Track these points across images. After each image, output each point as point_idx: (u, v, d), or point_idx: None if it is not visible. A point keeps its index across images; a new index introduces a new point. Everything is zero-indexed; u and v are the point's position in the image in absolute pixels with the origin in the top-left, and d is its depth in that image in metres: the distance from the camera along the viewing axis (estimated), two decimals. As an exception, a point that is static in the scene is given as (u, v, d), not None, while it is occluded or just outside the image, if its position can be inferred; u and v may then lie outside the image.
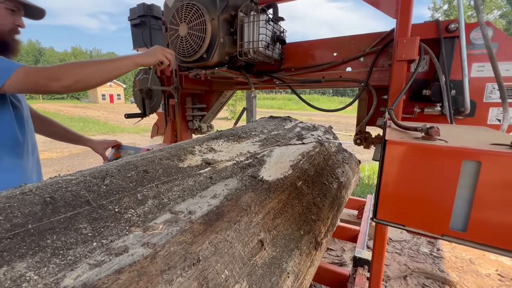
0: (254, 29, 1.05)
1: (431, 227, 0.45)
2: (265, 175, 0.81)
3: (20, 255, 0.37)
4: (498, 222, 0.39)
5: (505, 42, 0.90)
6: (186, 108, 1.61)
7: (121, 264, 0.40)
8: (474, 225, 0.41)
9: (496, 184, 0.39)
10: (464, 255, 2.13)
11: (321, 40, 1.25)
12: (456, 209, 0.42)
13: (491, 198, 0.40)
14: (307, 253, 0.71)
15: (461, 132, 0.61)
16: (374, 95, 1.15)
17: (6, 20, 0.91)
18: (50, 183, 0.53)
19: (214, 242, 0.52)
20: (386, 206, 0.48)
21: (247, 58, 1.10)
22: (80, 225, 0.45)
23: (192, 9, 1.06)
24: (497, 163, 0.39)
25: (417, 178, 0.45)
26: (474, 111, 0.95)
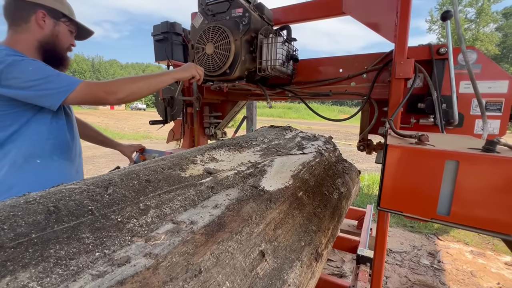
0: (272, 49, 1.21)
1: (422, 213, 0.57)
2: (266, 185, 0.81)
3: (24, 265, 0.38)
4: (473, 207, 0.53)
5: (487, 64, 1.06)
6: (203, 116, 1.77)
7: (123, 275, 0.40)
8: (455, 210, 0.54)
9: (470, 178, 0.52)
10: (465, 268, 2.11)
11: (328, 58, 1.42)
12: (441, 198, 0.55)
13: (467, 189, 0.53)
14: (308, 265, 0.71)
15: (447, 139, 0.73)
16: (375, 107, 1.30)
17: (67, 39, 1.07)
18: (54, 192, 0.53)
19: (215, 253, 0.52)
20: (387, 196, 0.61)
21: (265, 73, 1.26)
22: (83, 234, 0.45)
23: (218, 31, 1.22)
24: (471, 162, 0.52)
25: (411, 174, 0.58)
26: (462, 122, 1.09)
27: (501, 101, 1.04)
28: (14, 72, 0.85)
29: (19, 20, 0.96)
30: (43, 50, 1.01)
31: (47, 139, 1.00)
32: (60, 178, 1.00)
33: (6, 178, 0.93)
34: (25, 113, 0.94)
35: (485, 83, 1.04)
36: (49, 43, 1.01)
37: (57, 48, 1.04)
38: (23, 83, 0.86)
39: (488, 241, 2.57)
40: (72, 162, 1.12)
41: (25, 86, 0.86)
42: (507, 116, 1.03)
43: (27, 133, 0.95)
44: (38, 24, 0.98)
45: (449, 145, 0.61)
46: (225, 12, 1.23)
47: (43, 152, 1.00)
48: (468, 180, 0.52)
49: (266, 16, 1.32)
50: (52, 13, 1.00)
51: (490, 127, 1.04)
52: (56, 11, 1.01)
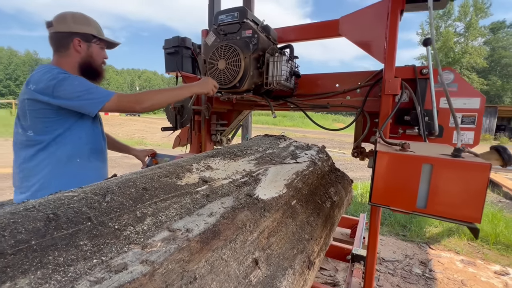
0: (277, 66, 1.34)
1: (405, 206, 0.69)
2: (260, 194, 0.83)
3: (23, 271, 0.39)
4: (444, 202, 0.65)
5: (463, 84, 1.20)
6: (211, 123, 1.90)
7: (120, 282, 0.42)
8: (430, 204, 0.66)
9: (442, 178, 0.65)
10: (456, 277, 2.13)
11: (326, 74, 1.57)
12: (420, 194, 0.67)
13: (439, 187, 0.65)
14: (300, 272, 0.73)
15: (426, 147, 0.86)
16: (368, 118, 1.47)
17: (99, 55, 1.27)
18: (53, 199, 0.54)
19: (210, 261, 0.54)
20: (377, 194, 0.72)
21: (270, 87, 1.40)
22: (81, 242, 0.46)
23: (230, 49, 1.35)
24: (442, 166, 0.64)
25: (396, 175, 0.70)
26: (442, 133, 1.21)
27: (475, 115, 1.18)
28: (64, 86, 1.06)
29: (61, 47, 1.18)
30: (82, 69, 1.22)
31: (86, 143, 1.20)
32: (95, 177, 1.21)
33: (51, 174, 1.12)
34: (69, 120, 1.13)
35: (461, 100, 1.19)
36: (86, 63, 1.22)
37: (93, 65, 1.25)
38: (70, 94, 1.07)
39: (478, 250, 2.61)
40: (104, 163, 1.34)
41: (72, 97, 1.07)
42: (480, 128, 1.17)
43: (70, 137, 1.15)
44: (75, 50, 1.19)
45: (426, 151, 0.73)
46: (236, 33, 1.36)
47: (82, 154, 1.20)
48: (440, 180, 0.65)
49: (271, 36, 1.47)
50: (85, 38, 1.20)
51: (466, 137, 1.18)
52: (87, 35, 1.20)
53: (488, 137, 18.48)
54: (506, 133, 19.50)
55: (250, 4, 3.85)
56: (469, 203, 0.62)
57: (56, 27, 1.15)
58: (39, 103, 1.07)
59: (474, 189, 0.61)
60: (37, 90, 1.06)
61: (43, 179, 1.11)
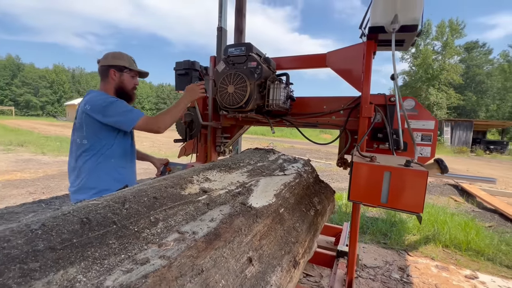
0: (277, 92, 1.59)
1: (373, 202, 0.95)
2: (253, 203, 0.96)
3: (71, 262, 0.49)
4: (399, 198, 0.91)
5: (422, 109, 1.47)
6: (216, 136, 2.12)
7: (146, 271, 0.53)
8: (390, 200, 0.92)
9: (397, 181, 0.90)
10: (430, 281, 2.30)
11: (316, 97, 1.85)
12: (383, 193, 0.93)
13: (396, 187, 0.90)
14: (287, 270, 0.85)
15: (389, 159, 1.10)
16: (349, 135, 1.72)
17: (130, 82, 1.61)
18: (82, 206, 0.65)
19: (213, 257, 0.65)
20: (354, 193, 0.98)
21: (270, 108, 1.65)
22: (110, 241, 0.57)
23: (238, 76, 1.58)
24: (397, 172, 0.91)
25: (367, 179, 0.95)
26: (406, 148, 1.44)
27: (431, 135, 1.43)
28: (112, 107, 1.42)
29: (104, 77, 1.57)
30: (117, 92, 1.58)
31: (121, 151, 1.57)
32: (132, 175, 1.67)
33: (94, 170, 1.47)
34: (113, 134, 1.49)
35: (421, 122, 1.45)
36: (120, 88, 1.58)
37: (125, 90, 1.59)
38: (115, 113, 1.42)
39: (452, 257, 2.81)
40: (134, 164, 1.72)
41: (116, 115, 1.43)
42: (435, 144, 1.43)
43: (112, 147, 1.50)
44: (112, 78, 1.56)
45: (388, 162, 0.99)
46: (243, 63, 1.58)
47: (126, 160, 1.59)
48: (396, 182, 0.91)
49: (271, 66, 1.73)
50: (118, 68, 1.56)
51: (424, 151, 1.44)
52: (120, 66, 1.56)
53: (465, 150, 19.44)
54: (482, 146, 20.57)
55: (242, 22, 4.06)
56: (414, 198, 0.88)
57: (101, 62, 1.56)
58: (93, 120, 1.42)
59: (417, 189, 0.87)
60: (92, 110, 1.42)
61: (88, 174, 1.46)
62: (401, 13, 1.18)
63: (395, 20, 1.18)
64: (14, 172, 5.80)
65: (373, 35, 1.34)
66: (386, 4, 1.21)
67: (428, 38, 34.87)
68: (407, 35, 1.29)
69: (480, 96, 35.93)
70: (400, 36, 1.28)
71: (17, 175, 5.54)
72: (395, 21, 1.18)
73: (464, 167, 10.42)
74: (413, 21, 1.18)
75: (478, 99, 35.70)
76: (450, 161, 12.74)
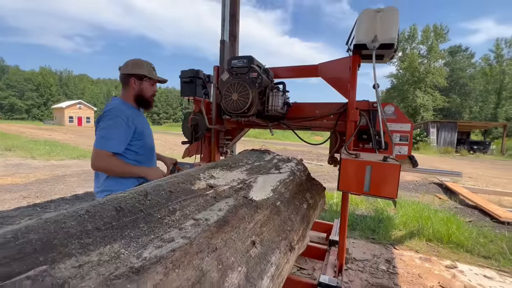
0: (275, 99, 1.79)
1: (358, 190, 1.15)
2: (253, 196, 1.09)
3: (114, 240, 0.61)
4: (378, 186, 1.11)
5: (400, 113, 1.66)
6: (219, 138, 2.33)
7: (173, 247, 0.65)
8: (371, 188, 1.12)
9: (377, 173, 1.11)
10: (414, 271, 2.48)
11: (309, 103, 2.04)
12: (365, 183, 1.12)
13: (376, 178, 1.11)
14: (284, 253, 0.98)
15: (372, 155, 1.32)
16: (338, 136, 1.88)
17: (149, 90, 1.71)
18: (113, 198, 0.76)
19: (224, 239, 0.78)
20: (342, 183, 1.18)
21: (269, 113, 1.82)
22: (140, 225, 0.69)
23: (241, 85, 1.74)
24: (376, 166, 1.11)
25: (352, 172, 1.15)
26: (387, 147, 1.59)
27: (407, 136, 1.63)
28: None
29: (124, 84, 1.67)
30: (137, 100, 1.69)
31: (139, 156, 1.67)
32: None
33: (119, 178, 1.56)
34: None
35: (399, 125, 1.65)
36: (140, 95, 1.68)
37: (144, 97, 1.70)
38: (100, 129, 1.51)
39: (434, 249, 3.01)
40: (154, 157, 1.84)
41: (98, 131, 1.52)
42: (411, 143, 1.63)
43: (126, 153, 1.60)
44: (132, 86, 1.65)
45: (369, 158, 1.19)
46: (245, 74, 1.74)
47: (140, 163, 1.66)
48: (376, 174, 1.11)
49: (270, 76, 1.93)
50: (138, 77, 1.65)
51: (402, 150, 1.64)
52: (140, 75, 1.64)
53: (451, 150, 20.13)
54: (466, 146, 21.34)
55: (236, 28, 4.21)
56: (390, 187, 1.10)
57: (121, 70, 1.65)
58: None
59: (392, 179, 1.09)
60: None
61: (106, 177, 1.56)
62: (380, 34, 1.39)
63: (375, 39, 1.38)
64: (4, 177, 5.72)
65: (358, 51, 1.55)
66: (368, 26, 1.43)
67: (414, 42, 36.00)
68: (386, 51, 1.51)
69: (464, 98, 37.29)
70: (379, 52, 1.48)
71: (7, 179, 5.48)
72: (375, 40, 1.38)
73: (448, 166, 10.84)
74: (390, 40, 1.38)
75: (462, 101, 37.04)
76: (436, 161, 13.22)
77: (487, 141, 22.98)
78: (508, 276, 2.45)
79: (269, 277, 0.84)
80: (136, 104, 1.70)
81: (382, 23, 1.38)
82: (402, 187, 6.64)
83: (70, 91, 72.14)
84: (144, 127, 1.70)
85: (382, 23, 1.38)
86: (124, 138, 1.54)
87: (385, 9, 1.41)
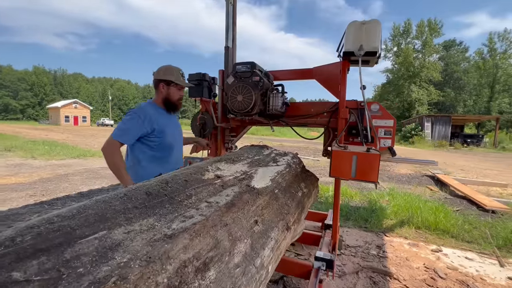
0: (275, 100, 2.03)
1: (346, 176, 1.48)
2: (255, 185, 1.27)
3: (148, 215, 0.78)
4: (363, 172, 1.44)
5: (384, 111, 1.90)
6: (225, 135, 2.53)
7: (193, 221, 0.82)
8: (357, 174, 1.45)
9: (361, 162, 1.44)
10: (402, 255, 2.69)
11: (305, 103, 2.33)
12: (352, 170, 1.45)
13: (360, 166, 1.44)
14: (282, 231, 1.16)
15: (358, 147, 1.58)
16: (331, 132, 2.10)
17: (176, 94, 1.85)
18: (142, 185, 0.93)
19: (232, 217, 0.96)
20: (334, 170, 1.51)
21: (270, 112, 2.05)
22: (166, 205, 0.87)
23: (245, 88, 1.96)
24: (361, 156, 1.45)
25: (341, 161, 1.47)
26: (373, 140, 1.81)
27: (391, 130, 1.83)
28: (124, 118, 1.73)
29: (155, 88, 1.85)
30: (165, 103, 1.85)
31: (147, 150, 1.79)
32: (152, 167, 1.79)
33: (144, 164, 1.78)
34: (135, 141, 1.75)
35: (384, 121, 1.83)
36: (167, 99, 1.84)
37: (171, 101, 1.85)
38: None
39: (422, 236, 3.23)
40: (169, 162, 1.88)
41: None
42: (394, 137, 1.84)
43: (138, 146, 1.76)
44: (160, 91, 1.82)
45: (356, 150, 1.45)
46: (248, 77, 1.94)
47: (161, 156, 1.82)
48: (361, 162, 1.39)
49: (270, 79, 2.18)
50: (166, 82, 1.80)
51: (387, 143, 1.85)
52: (168, 80, 1.79)
53: (445, 143, 20.51)
54: (460, 140, 21.75)
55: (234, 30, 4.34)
56: (371, 172, 1.39)
57: (154, 76, 1.83)
58: None
59: (373, 166, 1.33)
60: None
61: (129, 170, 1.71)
62: (365, 43, 1.61)
63: (361, 48, 1.58)
64: (8, 176, 5.84)
65: (347, 57, 1.77)
66: (355, 36, 1.66)
67: (408, 37, 36.21)
68: (370, 58, 1.73)
69: (458, 92, 37.71)
70: (365, 58, 1.71)
71: (11, 179, 5.60)
72: (361, 48, 1.57)
73: (441, 159, 11.13)
74: (374, 48, 1.60)
75: (456, 95, 37.46)
76: (430, 155, 13.52)
77: (480, 134, 23.42)
78: (487, 258, 2.68)
79: (270, 248, 1.02)
80: (164, 106, 1.85)
81: (367, 34, 1.59)
82: (396, 179, 6.88)
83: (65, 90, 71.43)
84: (167, 127, 1.81)
85: (367, 34, 1.59)
86: (134, 132, 1.68)
87: (370, 21, 1.61)
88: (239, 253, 0.87)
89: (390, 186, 5.70)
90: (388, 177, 7.13)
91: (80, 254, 0.57)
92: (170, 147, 1.87)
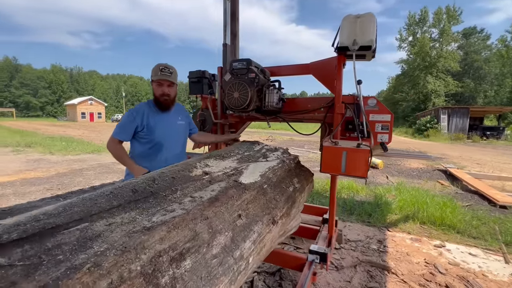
0: (271, 96, 2.04)
1: (336, 171, 1.51)
2: (243, 180, 1.31)
3: (131, 209, 0.85)
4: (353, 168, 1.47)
5: (381, 106, 1.87)
6: (225, 131, 2.61)
7: (174, 215, 0.88)
8: (347, 169, 1.48)
9: (351, 158, 1.46)
10: (403, 250, 2.68)
11: (302, 98, 2.33)
12: (342, 165, 1.48)
13: (350, 161, 1.47)
14: (267, 225, 1.21)
15: (349, 143, 1.57)
16: (327, 127, 2.10)
17: (157, 90, 1.83)
18: (129, 182, 1.00)
19: (214, 211, 1.01)
20: (324, 166, 1.54)
21: (267, 108, 2.06)
22: (150, 200, 0.93)
23: (241, 85, 1.98)
24: (350, 151, 1.47)
25: (332, 156, 1.50)
26: (370, 135, 1.83)
27: (388, 125, 1.81)
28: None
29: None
30: (155, 101, 1.88)
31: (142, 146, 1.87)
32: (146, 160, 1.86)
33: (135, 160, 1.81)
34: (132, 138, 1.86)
35: (381, 115, 1.82)
36: (154, 96, 1.88)
37: (156, 98, 1.86)
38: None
39: (426, 231, 3.19)
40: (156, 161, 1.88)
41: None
42: (391, 132, 1.83)
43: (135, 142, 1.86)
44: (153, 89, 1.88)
45: (346, 145, 1.47)
46: (244, 74, 1.96)
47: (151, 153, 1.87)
48: (350, 158, 1.41)
49: (266, 75, 2.16)
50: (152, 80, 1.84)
51: (384, 138, 1.84)
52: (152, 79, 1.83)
53: (462, 137, 19.72)
54: (478, 132, 20.84)
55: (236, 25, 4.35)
56: (361, 168, 1.40)
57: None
58: None
59: (363, 162, 1.38)
60: None
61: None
62: (359, 37, 1.60)
63: (355, 43, 1.57)
64: (28, 171, 6.18)
65: (342, 52, 1.75)
66: (349, 31, 1.64)
67: (425, 26, 34.71)
68: (366, 52, 1.71)
69: (478, 83, 35.93)
70: (360, 52, 1.69)
71: (31, 174, 5.92)
72: (355, 43, 1.56)
73: (457, 153, 10.76)
74: (368, 42, 1.58)
75: (476, 85, 35.71)
76: (445, 148, 13.08)
77: (501, 127, 22.29)
78: (492, 254, 2.62)
79: (251, 241, 1.07)
80: (156, 104, 1.87)
81: (361, 28, 1.57)
82: (406, 173, 6.75)
83: (81, 87, 73.73)
84: (158, 125, 1.83)
85: (361, 28, 1.57)
86: (127, 129, 1.79)
87: (364, 15, 1.59)
88: (218, 245, 0.92)
89: (399, 181, 5.61)
90: (398, 171, 7.00)
91: (62, 243, 0.64)
92: (159, 145, 1.88)
